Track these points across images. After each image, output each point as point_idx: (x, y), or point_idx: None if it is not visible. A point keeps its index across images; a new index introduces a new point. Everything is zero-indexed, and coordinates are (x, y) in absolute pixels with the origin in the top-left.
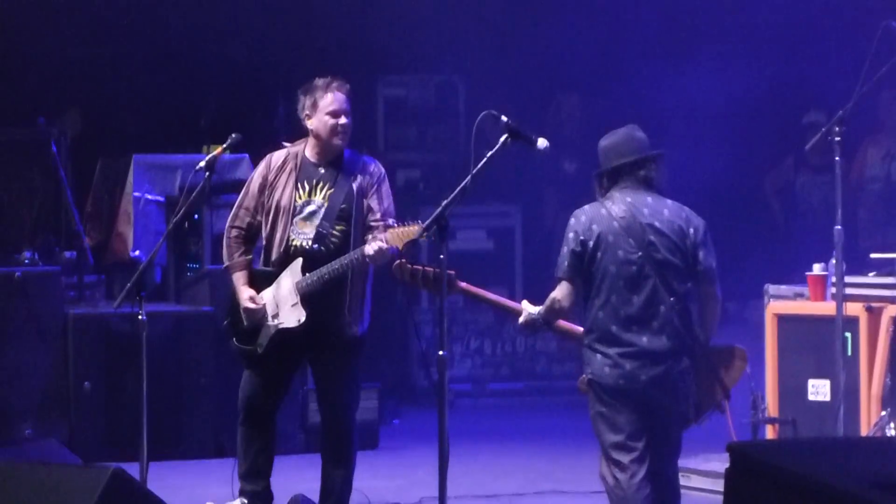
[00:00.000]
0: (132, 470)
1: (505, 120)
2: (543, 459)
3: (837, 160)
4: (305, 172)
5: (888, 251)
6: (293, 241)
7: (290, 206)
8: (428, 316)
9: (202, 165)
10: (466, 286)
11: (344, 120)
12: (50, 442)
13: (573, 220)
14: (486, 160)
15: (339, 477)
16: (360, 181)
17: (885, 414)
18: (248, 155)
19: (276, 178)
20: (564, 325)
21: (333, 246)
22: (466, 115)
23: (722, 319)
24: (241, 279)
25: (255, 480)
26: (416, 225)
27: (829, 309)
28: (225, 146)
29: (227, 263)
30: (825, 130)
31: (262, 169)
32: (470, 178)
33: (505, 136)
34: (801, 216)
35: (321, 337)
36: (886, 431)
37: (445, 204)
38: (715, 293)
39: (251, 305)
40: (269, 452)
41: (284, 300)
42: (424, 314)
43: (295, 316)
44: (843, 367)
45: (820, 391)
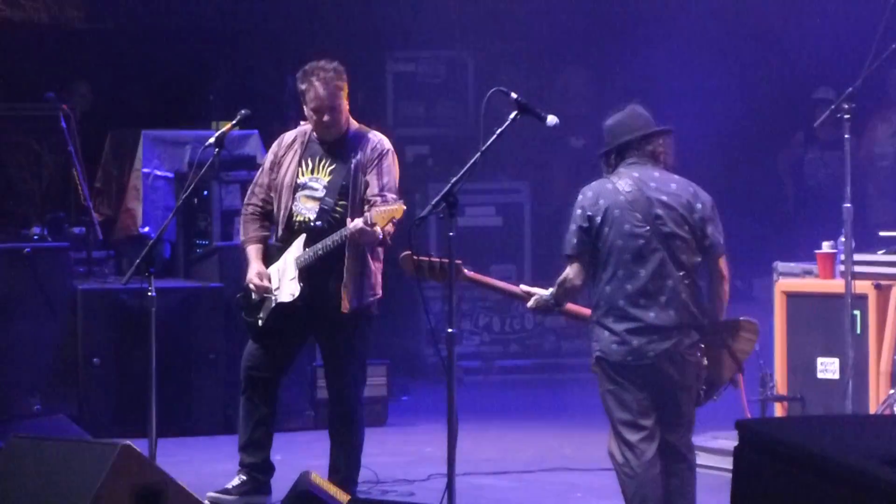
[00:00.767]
0: (141, 446)
1: (515, 97)
2: (552, 436)
3: (847, 137)
4: (310, 150)
5: None
6: (297, 216)
7: (292, 182)
8: (437, 292)
9: (211, 141)
10: (472, 274)
11: (326, 117)
12: (59, 417)
13: (580, 196)
14: (495, 136)
15: (343, 453)
16: (359, 157)
17: (893, 391)
18: (257, 131)
19: (284, 155)
20: (573, 307)
21: (335, 222)
22: (475, 90)
23: (731, 297)
24: (252, 253)
25: (253, 452)
26: (398, 204)
27: (837, 286)
28: (234, 122)
29: (242, 239)
30: (834, 107)
31: (274, 147)
32: (479, 154)
33: (515, 112)
34: (810, 193)
35: (318, 312)
36: (895, 409)
37: (454, 181)
38: (722, 270)
39: (256, 281)
40: (268, 426)
41: (284, 275)
42: (433, 290)
43: (289, 291)
44: (851, 344)
45: (829, 369)
